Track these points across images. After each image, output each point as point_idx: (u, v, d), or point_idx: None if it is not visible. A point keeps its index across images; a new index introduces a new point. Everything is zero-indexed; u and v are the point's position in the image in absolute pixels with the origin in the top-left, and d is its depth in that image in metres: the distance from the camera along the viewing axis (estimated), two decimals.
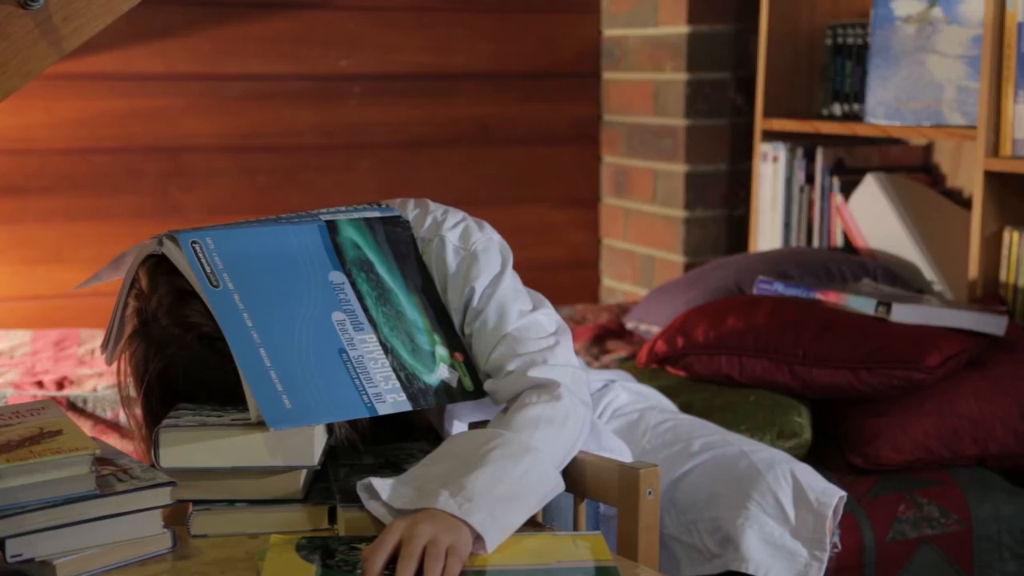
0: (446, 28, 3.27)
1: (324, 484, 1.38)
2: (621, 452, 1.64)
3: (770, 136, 2.93)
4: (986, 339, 2.15)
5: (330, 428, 1.39)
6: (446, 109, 3.28)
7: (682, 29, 3.05)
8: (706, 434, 1.72)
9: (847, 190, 2.79)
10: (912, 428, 2.01)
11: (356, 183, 3.24)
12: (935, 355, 2.01)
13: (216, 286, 1.34)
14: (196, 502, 1.33)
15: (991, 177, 2.38)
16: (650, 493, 1.35)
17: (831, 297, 2.23)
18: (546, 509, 1.63)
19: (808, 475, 1.61)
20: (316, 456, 1.32)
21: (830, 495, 1.57)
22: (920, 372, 2.00)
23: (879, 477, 2.01)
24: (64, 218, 3.01)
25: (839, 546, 1.61)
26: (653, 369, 2.25)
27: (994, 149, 2.36)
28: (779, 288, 2.32)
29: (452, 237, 1.48)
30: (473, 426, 1.47)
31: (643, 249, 3.31)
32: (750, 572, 1.56)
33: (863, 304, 2.18)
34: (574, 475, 1.42)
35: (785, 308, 2.19)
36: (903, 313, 2.13)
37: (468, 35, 3.29)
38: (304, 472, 1.33)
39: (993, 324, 2.17)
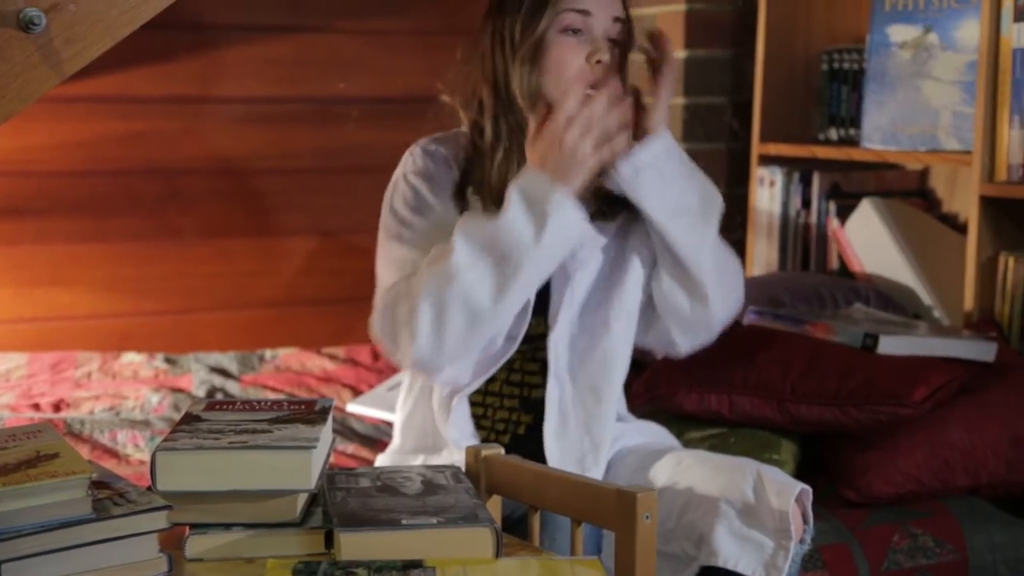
0: (445, 52, 3.26)
1: (321, 508, 1.38)
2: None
3: (767, 160, 2.94)
4: (976, 366, 2.15)
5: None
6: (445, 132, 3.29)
7: (679, 54, 3.06)
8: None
9: (843, 215, 2.80)
10: (903, 461, 2.01)
11: (355, 206, 3.25)
12: (922, 388, 2.02)
13: None
14: (192, 526, 1.33)
15: (987, 202, 2.39)
16: (647, 517, 1.35)
17: (819, 330, 2.24)
18: (543, 532, 1.63)
19: (772, 472, 1.66)
20: (313, 480, 1.32)
21: (791, 486, 1.62)
22: (907, 407, 2.01)
23: (872, 508, 2.02)
24: (62, 240, 3.01)
25: (810, 543, 1.63)
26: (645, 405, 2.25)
27: (989, 174, 2.37)
28: (769, 318, 2.32)
29: None
30: None
31: None
32: (720, 565, 1.61)
33: (851, 337, 2.18)
34: (571, 498, 1.43)
35: (774, 343, 2.20)
36: (891, 345, 2.14)
37: None
38: (301, 496, 1.33)
39: (983, 351, 2.17)
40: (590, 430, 1.83)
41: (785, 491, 1.61)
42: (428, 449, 1.84)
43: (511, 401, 1.85)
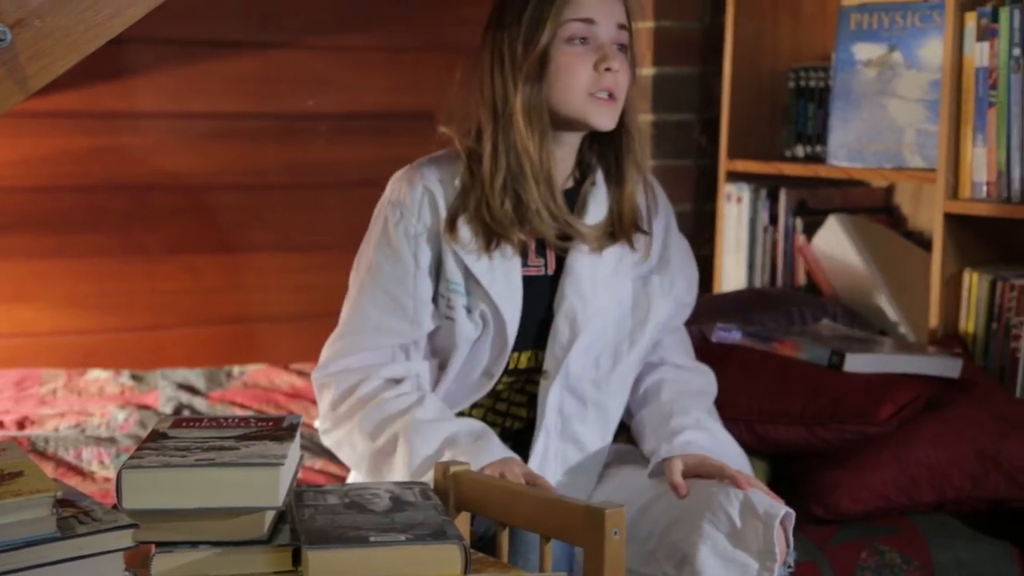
0: (414, 68, 3.29)
1: (289, 525, 1.37)
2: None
3: (734, 177, 2.95)
4: (942, 382, 2.17)
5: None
6: (414, 149, 3.27)
7: (647, 71, 3.08)
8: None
9: (810, 231, 2.82)
10: (871, 478, 2.02)
11: (322, 222, 3.24)
12: (887, 406, 2.03)
13: None
14: (159, 544, 1.31)
15: (951, 219, 2.41)
16: (616, 533, 1.35)
17: (787, 347, 2.25)
18: (517, 551, 1.63)
19: (757, 495, 1.66)
20: (281, 497, 1.31)
21: (776, 508, 1.63)
22: (873, 425, 2.03)
23: (840, 525, 2.03)
24: (26, 256, 2.99)
25: (792, 566, 1.64)
26: None
27: (953, 191, 2.40)
28: (737, 336, 2.33)
29: None
30: None
31: None
32: None
33: (817, 355, 2.20)
34: (540, 515, 1.42)
35: (741, 363, 2.21)
36: (857, 363, 2.15)
37: (436, 75, 3.30)
38: (269, 513, 1.33)
39: (949, 367, 2.19)
40: (574, 466, 1.83)
41: (771, 514, 1.61)
42: None
43: (494, 428, 1.84)
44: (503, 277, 1.78)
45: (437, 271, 1.80)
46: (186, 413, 2.57)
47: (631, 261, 1.85)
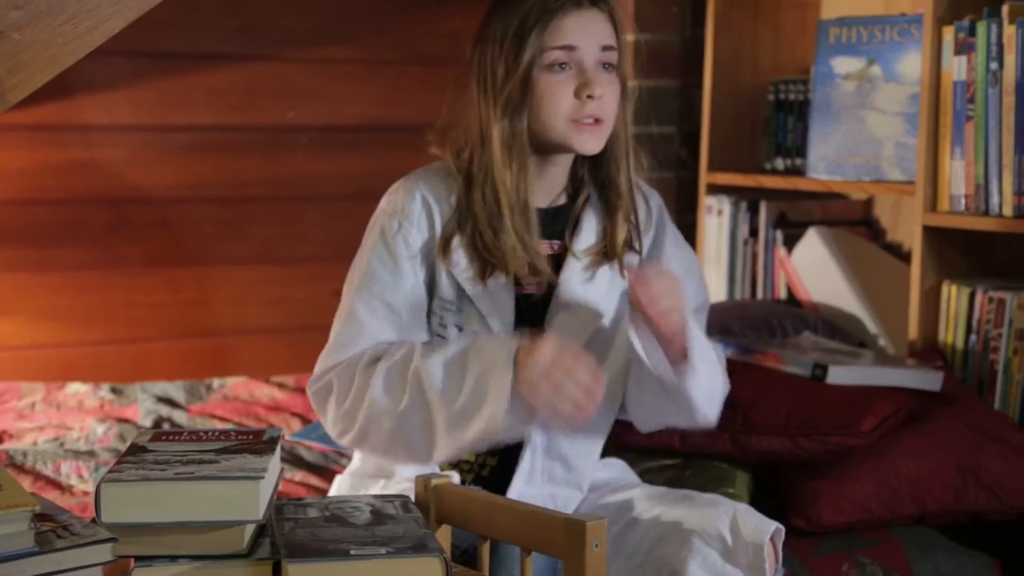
0: (395, 80, 3.29)
1: (269, 539, 1.37)
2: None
3: (714, 190, 2.96)
4: (923, 395, 2.18)
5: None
6: (395, 160, 3.26)
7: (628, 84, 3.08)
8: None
9: (790, 243, 2.83)
10: (852, 490, 2.03)
11: (303, 235, 3.23)
12: (870, 419, 2.04)
13: None
14: (138, 558, 1.31)
15: (929, 232, 2.42)
16: (596, 545, 1.35)
17: (769, 359, 2.26)
18: (500, 565, 1.63)
19: (747, 511, 1.67)
20: (261, 511, 1.31)
21: (767, 524, 1.63)
22: (856, 437, 2.03)
23: (822, 536, 2.03)
24: (5, 269, 2.97)
25: None
26: None
27: (932, 204, 2.41)
28: (719, 347, 2.33)
29: None
30: None
31: None
32: None
33: (800, 367, 2.20)
34: (520, 527, 1.42)
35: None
36: (839, 375, 2.16)
37: (417, 87, 3.31)
38: (249, 527, 1.32)
39: (930, 380, 2.20)
40: (560, 482, 1.82)
41: (760, 529, 1.61)
42: (388, 475, 1.83)
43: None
44: (496, 297, 1.75)
45: (430, 287, 1.76)
46: (166, 426, 2.56)
47: (624, 280, 1.82)
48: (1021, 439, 2.14)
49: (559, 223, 1.79)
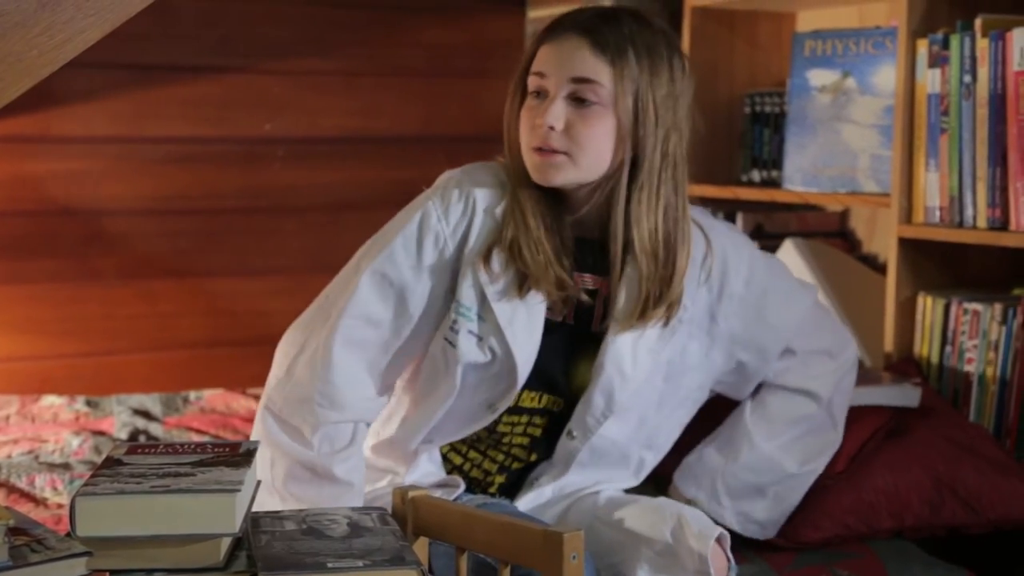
0: (372, 92, 3.29)
1: (246, 552, 1.36)
2: None
3: (691, 201, 2.96)
4: (901, 410, 2.18)
5: None
6: (372, 172, 3.29)
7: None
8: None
9: None
10: (830, 506, 2.02)
11: (280, 246, 3.23)
12: (849, 445, 2.04)
13: None
14: (113, 572, 1.30)
15: (905, 243, 2.43)
16: (574, 558, 1.35)
17: None
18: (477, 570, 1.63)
19: (692, 514, 1.68)
20: (237, 523, 1.30)
21: (711, 529, 1.64)
22: (830, 479, 2.03)
23: (799, 551, 2.03)
24: None
25: None
26: None
27: (907, 216, 2.42)
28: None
29: None
30: None
31: None
32: None
33: None
34: (498, 539, 1.42)
35: None
36: None
37: (394, 99, 3.32)
38: (225, 540, 1.31)
39: (908, 397, 2.20)
40: (564, 508, 1.83)
41: (704, 534, 1.63)
42: (395, 472, 1.84)
43: (491, 464, 1.83)
44: (523, 321, 1.70)
45: (445, 293, 1.73)
46: (142, 439, 2.55)
47: (676, 331, 1.77)
48: (997, 452, 2.15)
49: (591, 256, 1.75)
